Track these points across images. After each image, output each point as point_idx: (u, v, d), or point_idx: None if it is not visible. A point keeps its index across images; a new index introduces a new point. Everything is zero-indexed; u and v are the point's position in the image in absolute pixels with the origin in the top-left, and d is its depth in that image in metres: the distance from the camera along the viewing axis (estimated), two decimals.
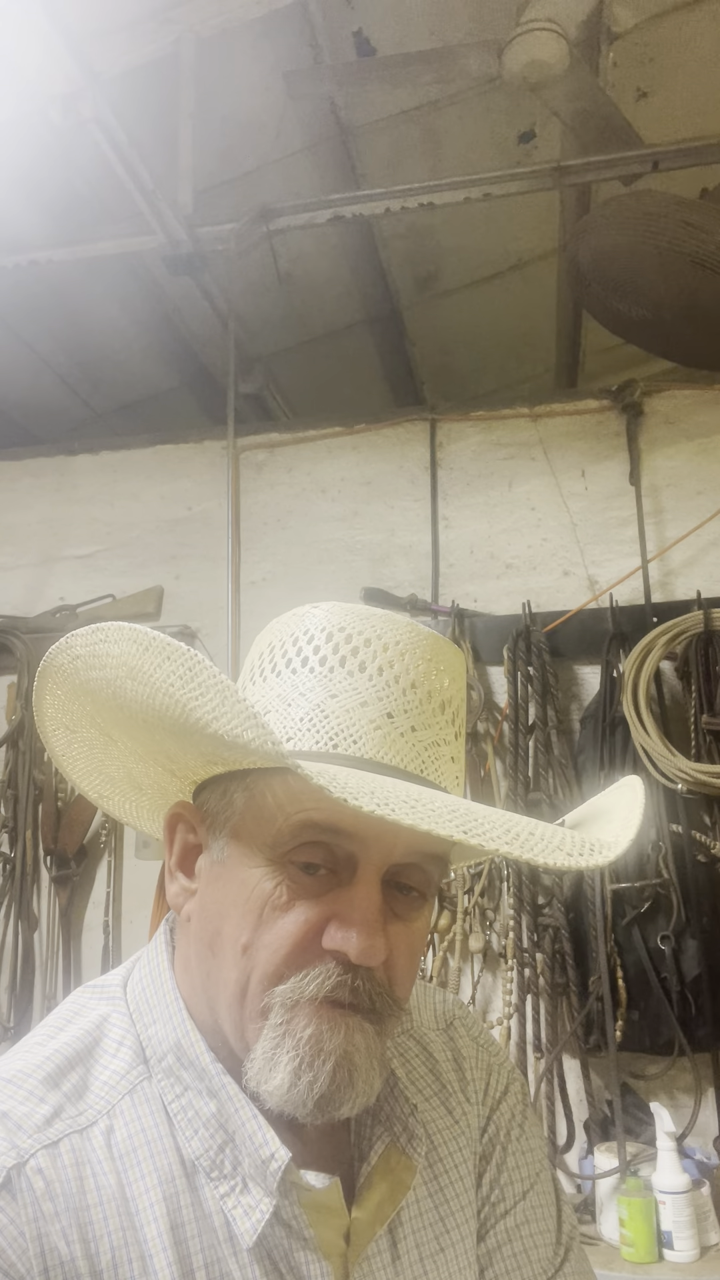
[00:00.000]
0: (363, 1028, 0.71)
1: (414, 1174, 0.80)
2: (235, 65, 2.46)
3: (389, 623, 0.79)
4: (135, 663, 0.70)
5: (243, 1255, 0.71)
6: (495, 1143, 0.92)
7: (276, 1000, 0.70)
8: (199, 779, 0.82)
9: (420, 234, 3.09)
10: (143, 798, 0.92)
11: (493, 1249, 0.87)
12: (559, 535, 2.70)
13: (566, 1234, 0.91)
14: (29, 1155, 0.68)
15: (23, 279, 2.76)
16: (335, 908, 0.71)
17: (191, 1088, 0.74)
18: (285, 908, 0.71)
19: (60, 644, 0.75)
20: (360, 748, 0.73)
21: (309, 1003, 0.69)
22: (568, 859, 0.66)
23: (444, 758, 0.77)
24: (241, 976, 0.71)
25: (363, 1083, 0.71)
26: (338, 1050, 0.69)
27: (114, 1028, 0.78)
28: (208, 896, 0.76)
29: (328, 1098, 0.69)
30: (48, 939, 2.65)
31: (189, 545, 2.91)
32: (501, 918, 2.37)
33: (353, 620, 0.78)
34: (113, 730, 0.82)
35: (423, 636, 0.79)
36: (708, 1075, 2.19)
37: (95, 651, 0.73)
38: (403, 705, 0.75)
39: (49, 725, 0.83)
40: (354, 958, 0.69)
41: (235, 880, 0.73)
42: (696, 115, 2.55)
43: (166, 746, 0.79)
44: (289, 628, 0.81)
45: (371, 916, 0.70)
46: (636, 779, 0.83)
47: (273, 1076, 0.69)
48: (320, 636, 0.78)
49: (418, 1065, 0.91)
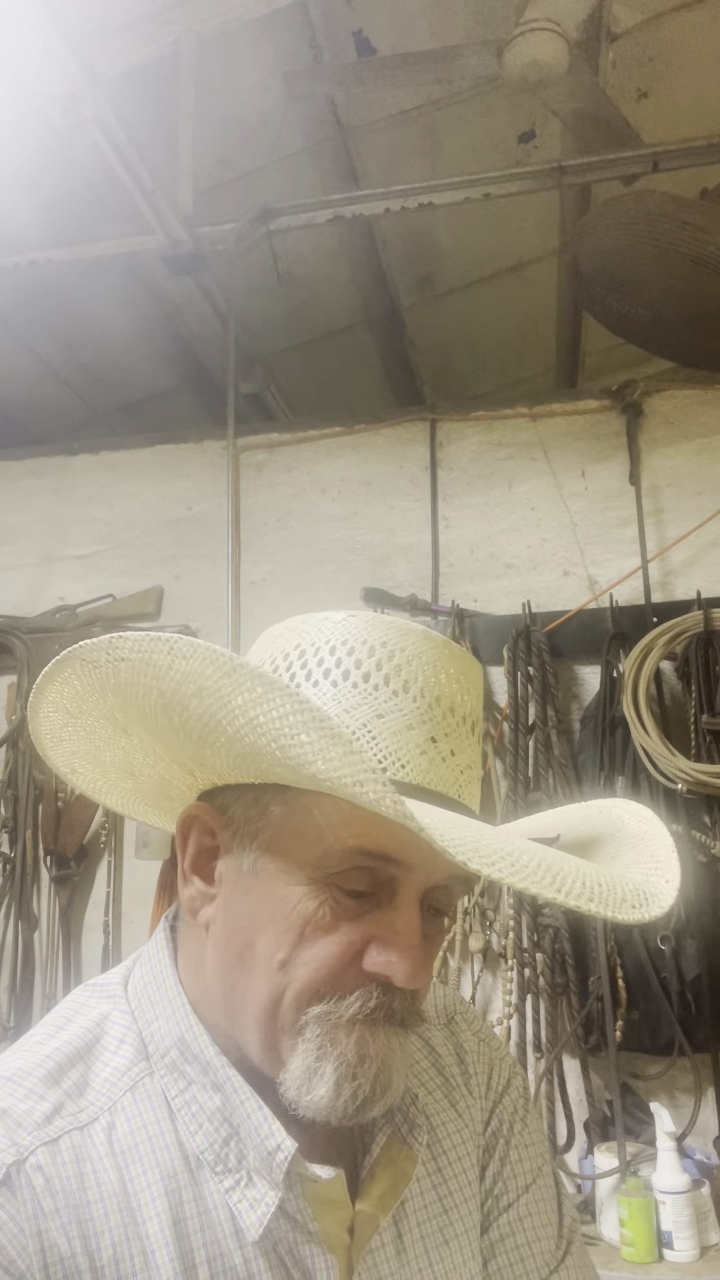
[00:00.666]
0: (397, 1032, 0.73)
1: (415, 1164, 0.81)
2: (235, 65, 2.46)
3: (426, 640, 0.78)
4: (210, 685, 0.68)
5: (248, 1249, 0.71)
6: (498, 1136, 0.92)
7: (313, 1018, 0.70)
8: (222, 782, 0.80)
9: (420, 234, 3.09)
10: (128, 782, 0.89)
11: (495, 1241, 0.88)
12: (559, 535, 2.70)
13: (568, 1228, 0.92)
14: (29, 1152, 0.68)
15: (23, 279, 2.76)
16: (375, 930, 0.71)
17: (196, 1082, 0.74)
18: (329, 929, 0.71)
19: (102, 642, 0.72)
20: (408, 773, 0.73)
21: (349, 1022, 0.71)
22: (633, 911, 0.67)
23: (474, 780, 0.78)
24: (275, 991, 0.71)
25: (397, 1085, 0.73)
26: (379, 1057, 0.71)
27: (115, 1025, 0.78)
28: (236, 907, 0.75)
29: (368, 1102, 0.71)
30: (48, 939, 2.65)
31: (189, 545, 2.91)
32: (501, 918, 2.37)
33: (393, 635, 0.77)
34: (132, 727, 0.80)
35: (454, 654, 0.79)
36: (708, 1075, 2.19)
37: (152, 661, 0.70)
38: (444, 729, 0.76)
39: (45, 708, 0.81)
40: (399, 982, 0.70)
41: (272, 896, 0.73)
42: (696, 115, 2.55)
43: (209, 758, 0.77)
44: (322, 633, 0.78)
45: (414, 941, 0.71)
46: (633, 803, 0.84)
47: (316, 1088, 0.70)
48: (362, 650, 0.76)
49: (421, 1059, 0.91)
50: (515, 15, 2.23)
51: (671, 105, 2.70)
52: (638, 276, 2.48)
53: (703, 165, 2.44)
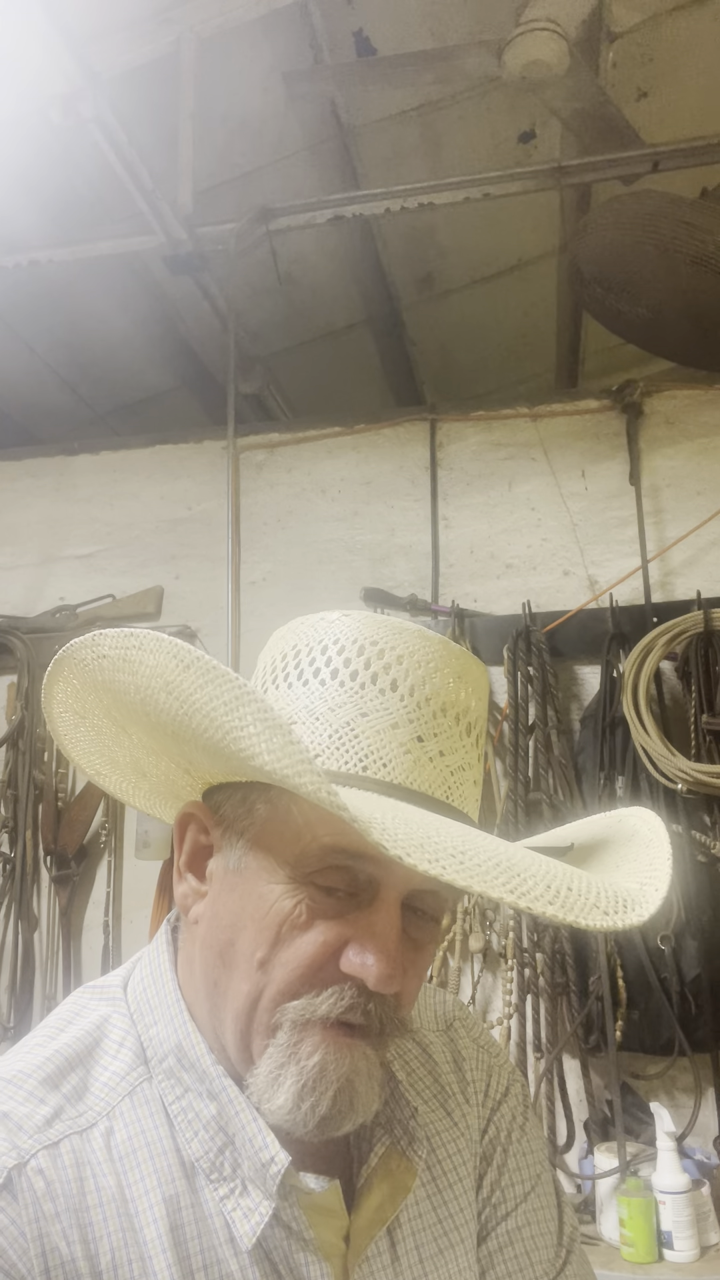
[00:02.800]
0: (366, 1054, 0.71)
1: (414, 1177, 0.80)
2: (235, 65, 2.46)
3: (421, 639, 0.77)
4: (173, 678, 0.69)
5: (243, 1257, 0.71)
6: (496, 1144, 0.91)
7: (288, 1018, 0.70)
8: (214, 781, 0.81)
9: (420, 234, 3.09)
10: (145, 783, 0.91)
11: (494, 1251, 0.87)
12: (559, 535, 2.70)
13: (568, 1236, 0.91)
14: (30, 1156, 0.68)
15: (22, 279, 2.76)
16: (354, 931, 0.71)
17: (192, 1089, 0.74)
18: (304, 927, 0.71)
19: (87, 639, 0.74)
20: (390, 772, 0.72)
21: (319, 1024, 0.70)
22: (604, 918, 0.66)
23: (467, 782, 0.77)
24: (254, 990, 0.71)
25: (362, 1105, 0.71)
26: (342, 1077, 0.70)
27: (114, 1029, 0.78)
28: (221, 904, 0.76)
29: (328, 1120, 0.70)
30: (48, 939, 2.65)
31: (189, 545, 2.91)
32: (501, 918, 2.37)
33: (385, 634, 0.77)
34: (128, 724, 0.82)
35: (452, 654, 0.78)
36: (708, 1075, 2.19)
37: (127, 656, 0.72)
38: (432, 729, 0.75)
39: (56, 709, 0.83)
40: (372, 985, 0.69)
41: (253, 894, 0.73)
42: (696, 115, 2.55)
43: (189, 753, 0.79)
44: (316, 633, 0.79)
45: (391, 944, 0.70)
46: (650, 813, 0.81)
47: (275, 1096, 0.69)
48: (352, 649, 0.76)
49: (417, 1068, 0.91)
50: (515, 15, 2.23)
51: (671, 105, 2.70)
52: (638, 276, 2.47)
53: (703, 165, 2.44)
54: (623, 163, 2.46)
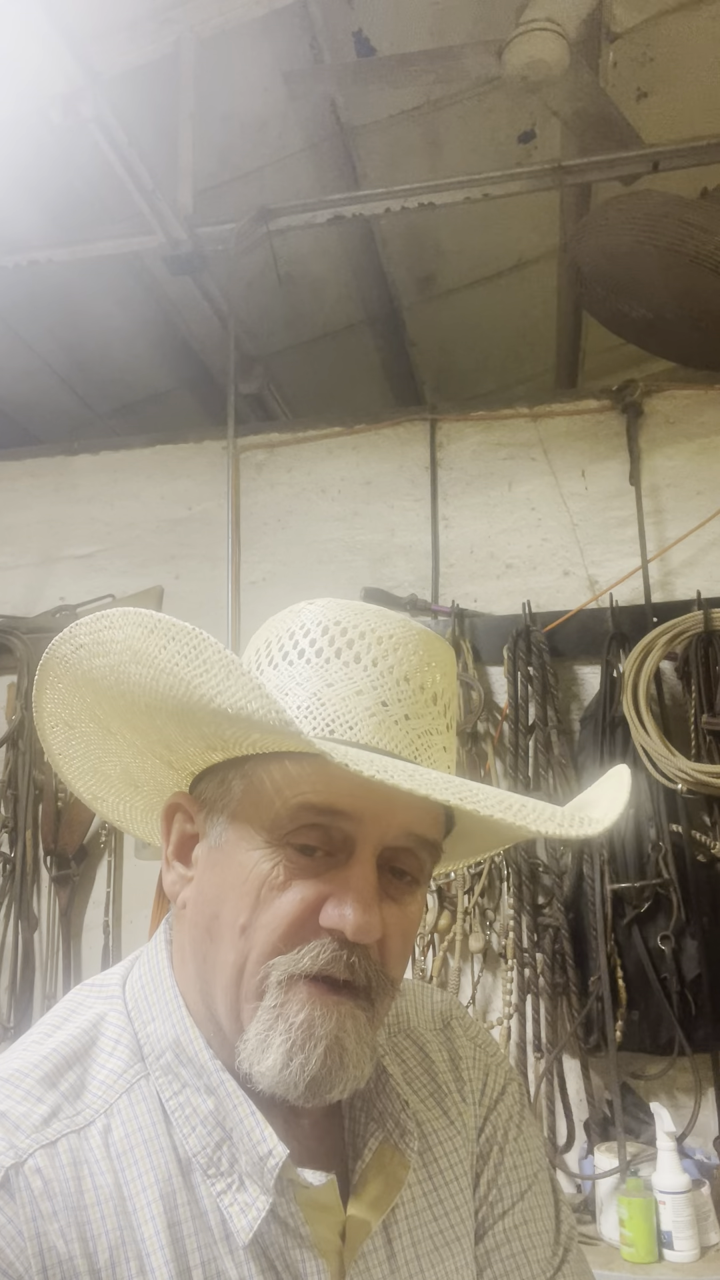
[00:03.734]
0: (354, 1014, 0.72)
1: (408, 1169, 0.81)
2: (235, 65, 2.46)
3: (382, 618, 0.80)
4: (140, 645, 0.71)
5: (239, 1253, 0.71)
6: (493, 1143, 0.91)
7: (272, 977, 0.71)
8: (197, 770, 0.83)
9: (420, 234, 3.09)
10: (138, 797, 0.93)
11: (491, 1249, 0.87)
12: (559, 535, 2.70)
13: (565, 1234, 0.91)
14: (27, 1155, 0.68)
15: (23, 279, 2.76)
16: (331, 887, 0.72)
17: (189, 1085, 0.74)
18: (282, 887, 0.72)
19: (64, 634, 0.76)
20: (356, 733, 0.74)
21: (304, 981, 0.71)
22: (559, 828, 0.69)
23: (436, 746, 0.79)
24: (239, 958, 0.72)
25: (354, 1066, 0.72)
26: (330, 1034, 0.70)
27: (111, 1026, 0.78)
28: (205, 882, 0.78)
29: (319, 1080, 0.70)
30: (48, 939, 2.65)
31: (189, 545, 2.91)
32: (501, 918, 2.37)
33: (348, 615, 0.80)
34: (112, 722, 0.83)
35: (415, 632, 0.80)
36: (708, 1075, 2.19)
37: (100, 639, 0.74)
38: (396, 695, 0.77)
39: (48, 721, 0.84)
40: (350, 934, 0.70)
41: (233, 864, 0.74)
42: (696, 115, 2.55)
43: (167, 733, 0.80)
44: (285, 623, 0.82)
45: (367, 894, 0.71)
46: (623, 767, 0.85)
47: (265, 1058, 0.70)
48: (316, 630, 0.79)
49: (413, 1066, 0.91)
50: (515, 15, 2.23)
51: (671, 105, 2.70)
52: (638, 276, 2.48)
53: (703, 165, 2.44)
54: (623, 163, 2.46)
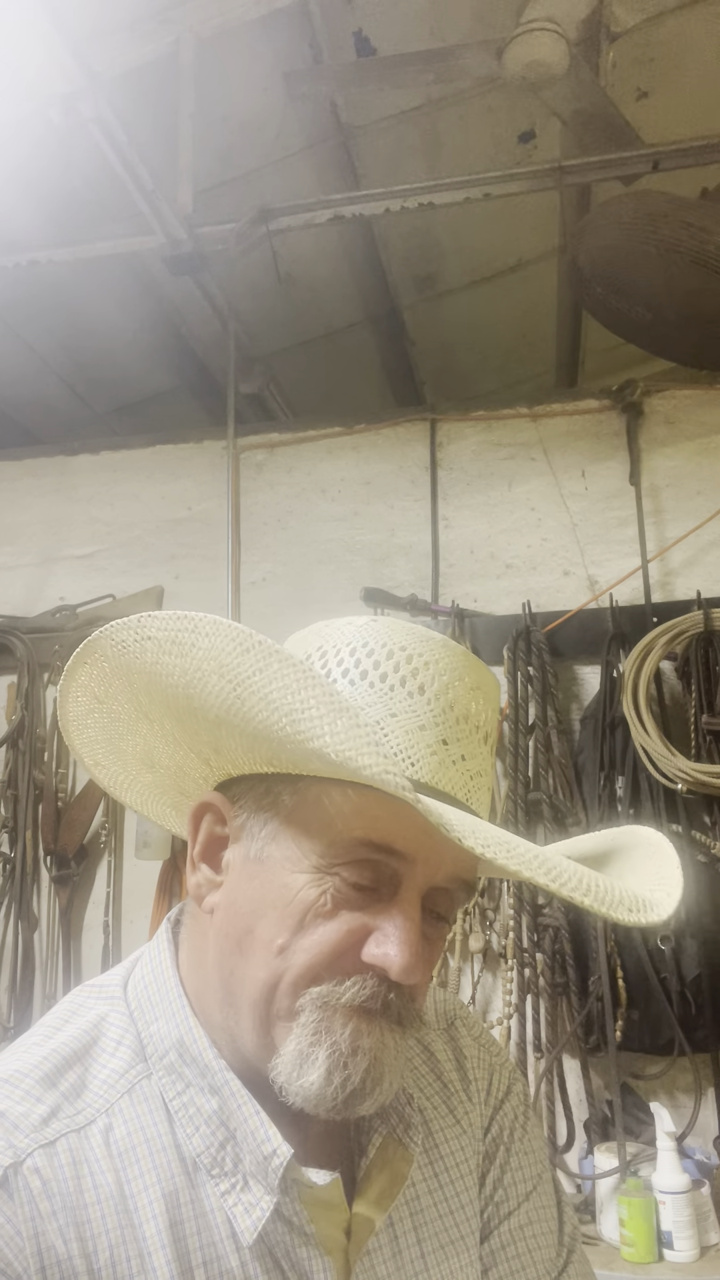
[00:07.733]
0: (393, 1030, 0.73)
1: (411, 1163, 0.81)
2: (235, 65, 2.46)
3: (445, 647, 0.79)
4: (229, 661, 0.69)
5: (244, 1252, 0.71)
6: (499, 1143, 0.92)
7: (309, 1001, 0.71)
8: (237, 772, 0.81)
9: (420, 234, 3.09)
10: (148, 775, 0.91)
11: (496, 1249, 0.87)
12: (559, 535, 2.70)
13: (569, 1235, 0.91)
14: (25, 1155, 0.68)
15: (23, 279, 2.76)
16: (376, 922, 0.72)
17: (193, 1084, 0.74)
18: (329, 916, 0.72)
19: (131, 621, 0.75)
20: (418, 771, 0.74)
21: (344, 1008, 0.71)
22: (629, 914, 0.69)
23: (484, 788, 0.79)
24: (272, 976, 0.72)
25: (388, 1083, 0.72)
26: (373, 1050, 0.71)
27: (112, 1026, 0.78)
28: (239, 893, 0.76)
29: (356, 1095, 0.71)
30: (48, 939, 2.65)
31: (189, 545, 2.91)
32: (501, 918, 2.37)
33: (413, 640, 0.78)
34: (155, 710, 0.82)
35: (471, 664, 0.80)
36: (708, 1075, 2.19)
37: (177, 640, 0.73)
38: (455, 734, 0.76)
39: (75, 691, 0.83)
40: (394, 975, 0.70)
41: (275, 883, 0.74)
42: (696, 115, 2.55)
43: (226, 741, 0.79)
44: (344, 636, 0.80)
45: (413, 937, 0.71)
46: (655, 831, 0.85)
47: (307, 1074, 0.70)
48: (381, 652, 0.77)
49: (420, 1064, 0.91)
50: (515, 15, 2.23)
51: (671, 105, 2.70)
52: (638, 276, 2.47)
53: (703, 165, 2.44)
54: (623, 163, 2.46)
